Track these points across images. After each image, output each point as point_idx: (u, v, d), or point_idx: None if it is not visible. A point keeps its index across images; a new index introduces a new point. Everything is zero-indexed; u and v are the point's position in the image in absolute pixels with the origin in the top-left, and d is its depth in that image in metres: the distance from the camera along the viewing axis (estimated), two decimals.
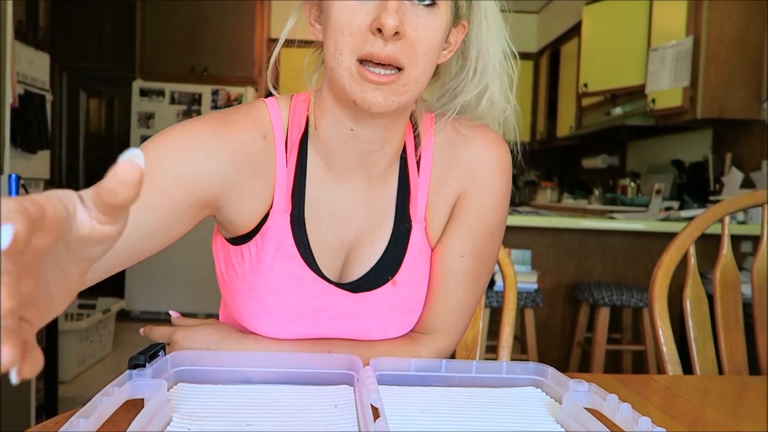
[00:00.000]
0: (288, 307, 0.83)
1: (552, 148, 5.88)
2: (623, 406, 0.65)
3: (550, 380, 0.78)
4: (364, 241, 0.86)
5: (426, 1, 0.74)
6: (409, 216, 0.87)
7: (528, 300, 2.66)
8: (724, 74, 3.25)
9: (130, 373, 0.68)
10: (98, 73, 6.01)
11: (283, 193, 0.82)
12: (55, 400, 2.68)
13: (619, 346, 2.90)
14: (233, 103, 4.94)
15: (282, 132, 0.83)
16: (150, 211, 0.73)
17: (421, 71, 0.75)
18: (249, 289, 0.83)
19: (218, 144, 0.77)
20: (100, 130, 6.49)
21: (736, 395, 0.94)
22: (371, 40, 0.72)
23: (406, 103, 0.76)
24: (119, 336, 4.08)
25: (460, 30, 0.83)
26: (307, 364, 0.77)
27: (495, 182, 0.87)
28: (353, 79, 0.73)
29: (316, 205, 0.84)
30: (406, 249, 0.86)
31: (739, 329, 1.23)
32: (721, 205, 1.25)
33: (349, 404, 0.70)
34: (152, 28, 5.16)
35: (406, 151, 0.87)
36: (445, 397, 0.75)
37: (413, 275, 0.86)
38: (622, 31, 3.99)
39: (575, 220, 2.97)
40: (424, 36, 0.74)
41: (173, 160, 0.75)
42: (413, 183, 0.87)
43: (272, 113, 0.83)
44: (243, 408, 0.68)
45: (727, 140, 3.57)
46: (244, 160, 0.79)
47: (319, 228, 0.84)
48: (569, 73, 5.09)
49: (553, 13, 5.73)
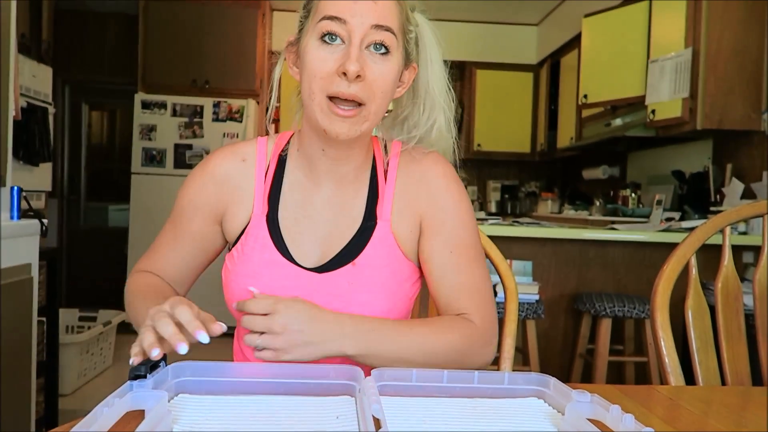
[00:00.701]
0: (264, 286, 0.99)
1: (552, 159, 5.89)
2: (626, 417, 0.65)
3: (553, 391, 0.79)
4: (335, 234, 1.04)
5: (381, 50, 0.93)
6: (376, 215, 1.04)
7: (529, 311, 2.65)
8: (723, 85, 3.26)
9: (131, 384, 0.68)
10: (100, 85, 6.03)
11: (260, 198, 1.05)
12: (55, 413, 2.67)
13: (622, 357, 2.89)
14: (235, 115, 4.95)
15: (264, 156, 1.07)
16: (188, 235, 1.08)
17: (378, 106, 0.95)
18: (235, 276, 1.03)
19: (202, 173, 1.07)
20: (102, 143, 6.50)
21: (738, 406, 0.94)
22: (338, 82, 0.91)
23: (365, 131, 0.97)
24: (120, 349, 4.06)
25: (411, 71, 1.03)
26: (309, 375, 0.79)
27: (449, 186, 1.06)
28: (324, 113, 0.93)
29: (292, 207, 1.05)
30: (368, 241, 1.03)
31: (742, 340, 1.23)
32: (722, 216, 1.25)
33: (351, 415, 0.71)
34: (154, 41, 5.18)
35: (376, 163, 1.08)
36: (448, 407, 0.76)
37: (372, 261, 1.02)
38: (622, 43, 4.01)
39: (576, 231, 2.97)
40: (380, 78, 0.93)
41: (186, 194, 1.08)
42: (381, 188, 1.06)
43: (259, 144, 1.09)
44: (244, 419, 0.69)
45: (727, 151, 3.57)
46: (220, 179, 1.06)
47: (293, 225, 1.04)
48: (569, 85, 5.10)
49: (552, 25, 5.76)
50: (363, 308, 0.99)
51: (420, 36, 1.04)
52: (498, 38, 6.06)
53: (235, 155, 1.07)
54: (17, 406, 2.11)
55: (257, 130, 5.13)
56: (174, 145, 4.95)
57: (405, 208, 1.05)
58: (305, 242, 1.03)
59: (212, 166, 1.07)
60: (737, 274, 1.26)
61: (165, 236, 1.10)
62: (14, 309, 2.06)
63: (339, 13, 0.92)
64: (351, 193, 1.05)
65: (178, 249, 1.08)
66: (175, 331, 0.75)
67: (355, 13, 0.91)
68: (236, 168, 1.06)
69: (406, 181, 1.06)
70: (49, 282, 2.64)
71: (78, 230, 6.15)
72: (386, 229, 1.04)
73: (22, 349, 2.13)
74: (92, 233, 6.15)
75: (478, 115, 5.96)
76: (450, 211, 1.05)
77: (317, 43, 0.93)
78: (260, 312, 0.89)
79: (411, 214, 1.05)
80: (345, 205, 1.05)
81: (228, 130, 4.94)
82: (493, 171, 6.45)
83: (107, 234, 6.10)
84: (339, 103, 0.92)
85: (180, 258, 1.09)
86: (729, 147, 3.56)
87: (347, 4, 0.92)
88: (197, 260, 1.10)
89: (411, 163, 1.07)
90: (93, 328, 3.63)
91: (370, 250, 1.02)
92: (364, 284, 1.01)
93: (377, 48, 0.93)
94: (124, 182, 5.25)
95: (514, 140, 6.05)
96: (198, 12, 5.19)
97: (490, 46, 6.07)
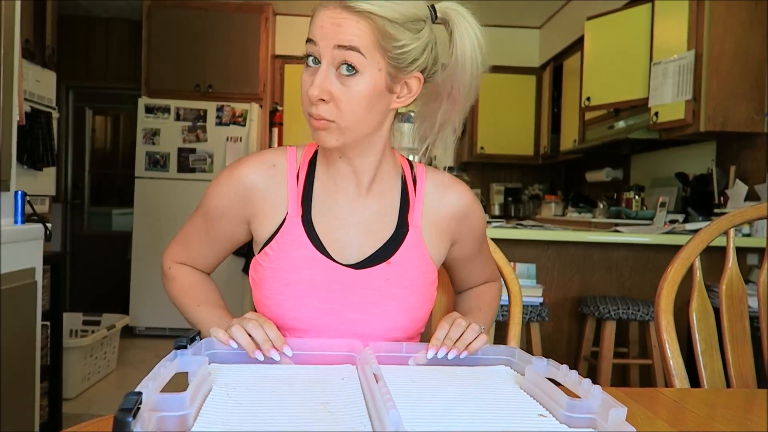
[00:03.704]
0: (304, 279, 1.07)
1: (556, 162, 5.88)
2: (571, 372, 0.81)
3: (517, 359, 0.98)
4: (369, 237, 1.12)
5: (349, 72, 0.97)
6: (407, 222, 1.14)
7: (533, 314, 2.65)
8: (725, 88, 3.25)
9: (176, 352, 0.82)
10: (104, 90, 6.05)
11: (294, 201, 1.11)
12: (59, 417, 2.68)
13: (626, 360, 2.89)
14: (238, 119, 4.96)
15: (295, 162, 1.14)
16: (219, 234, 1.18)
17: (352, 122, 1.00)
18: (272, 272, 1.09)
19: (229, 180, 1.13)
20: (106, 147, 6.52)
21: (743, 408, 0.94)
22: (308, 103, 1.00)
23: (351, 140, 1.03)
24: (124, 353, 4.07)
25: (414, 80, 1.05)
26: (317, 348, 0.98)
27: (478, 215, 1.21)
28: (310, 126, 1.02)
29: (324, 209, 1.12)
30: (401, 244, 1.12)
31: (746, 342, 1.23)
32: (726, 218, 1.25)
33: (354, 377, 0.89)
34: (158, 46, 5.20)
35: (405, 175, 1.16)
36: (432, 372, 0.95)
37: (405, 260, 1.11)
38: (624, 46, 4.00)
39: (580, 234, 2.96)
40: (345, 99, 0.98)
41: (215, 198, 1.15)
42: (411, 199, 1.15)
43: (289, 151, 1.16)
44: (269, 380, 0.85)
45: (731, 153, 3.57)
46: (247, 188, 1.12)
47: (327, 226, 1.11)
48: (572, 88, 5.10)
49: (555, 28, 5.76)
50: (398, 302, 1.10)
51: (449, 38, 1.07)
52: (501, 41, 6.06)
53: (263, 163, 1.13)
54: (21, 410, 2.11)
55: (260, 134, 5.14)
56: (177, 149, 4.96)
57: (433, 225, 1.16)
58: (340, 242, 1.11)
59: (239, 175, 1.12)
60: (741, 277, 1.25)
61: (196, 230, 1.19)
62: (18, 313, 2.06)
63: (312, 34, 0.98)
64: (383, 201, 1.14)
65: (211, 244, 1.19)
66: (265, 338, 0.95)
67: (322, 35, 0.96)
68: (265, 175, 1.12)
69: (435, 198, 1.17)
70: (53, 286, 2.64)
71: (82, 234, 6.16)
72: (417, 236, 1.13)
73: (26, 353, 2.13)
74: (96, 237, 6.16)
75: (481, 119, 5.96)
76: (478, 225, 1.21)
77: (304, 65, 1.01)
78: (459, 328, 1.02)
79: (440, 232, 1.17)
80: (377, 211, 1.13)
81: (231, 134, 4.95)
82: (497, 174, 6.45)
83: (111, 238, 6.11)
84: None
85: (212, 252, 1.21)
86: (732, 149, 3.55)
87: (318, 25, 0.97)
88: (226, 251, 1.22)
89: (440, 187, 1.18)
90: (97, 332, 3.63)
91: (403, 252, 1.11)
92: (399, 280, 1.10)
93: (347, 69, 0.96)
94: (128, 186, 5.27)
95: (517, 143, 6.04)
96: (201, 17, 5.21)
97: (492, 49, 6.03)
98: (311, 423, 0.70)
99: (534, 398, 0.83)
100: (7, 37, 2.04)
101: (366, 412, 0.74)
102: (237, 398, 0.77)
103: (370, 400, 0.75)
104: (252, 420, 0.71)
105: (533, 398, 0.83)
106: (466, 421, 0.74)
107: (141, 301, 4.86)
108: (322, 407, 0.75)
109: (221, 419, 0.71)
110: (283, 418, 0.72)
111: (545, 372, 0.86)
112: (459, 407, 0.78)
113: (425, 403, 0.79)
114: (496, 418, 0.76)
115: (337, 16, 0.95)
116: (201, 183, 4.90)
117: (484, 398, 0.83)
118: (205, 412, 0.73)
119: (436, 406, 0.78)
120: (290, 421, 0.71)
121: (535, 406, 0.81)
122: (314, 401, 0.77)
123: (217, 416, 0.72)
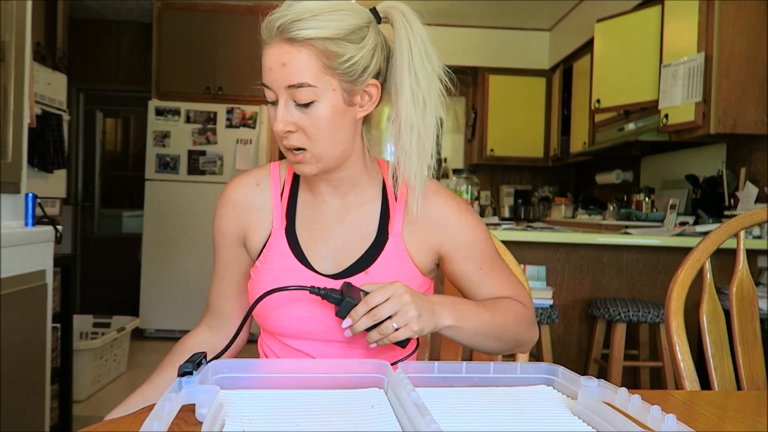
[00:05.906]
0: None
1: (566, 164, 5.87)
2: (634, 397, 0.72)
3: (561, 378, 0.87)
4: (348, 246, 1.14)
5: (304, 104, 1.00)
6: (387, 231, 1.14)
7: (543, 316, 2.64)
8: (736, 90, 3.23)
9: (181, 381, 0.73)
10: (114, 93, 6.09)
11: (278, 215, 1.16)
12: (69, 419, 2.69)
13: (637, 362, 2.87)
14: (248, 121, 4.98)
15: (279, 177, 1.19)
16: (228, 263, 1.22)
17: (324, 145, 1.04)
18: (259, 284, 1.12)
19: (222, 204, 1.19)
20: (116, 149, 6.56)
21: (754, 411, 0.93)
22: (279, 137, 1.05)
23: (328, 165, 1.07)
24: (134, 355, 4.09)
25: (372, 87, 1.06)
26: (340, 370, 0.87)
27: (461, 216, 1.15)
28: (288, 160, 1.08)
29: (306, 221, 1.16)
30: (380, 253, 1.12)
31: (757, 344, 1.22)
32: (736, 220, 1.25)
33: (384, 404, 0.78)
34: (168, 48, 5.22)
35: (386, 184, 1.17)
36: (469, 395, 0.83)
37: (383, 270, 1.11)
38: (634, 48, 3.99)
39: (590, 236, 2.95)
40: (310, 126, 1.02)
41: (215, 226, 1.20)
42: (392, 207, 1.15)
43: (272, 167, 1.20)
44: (289, 410, 0.75)
45: (741, 155, 3.55)
46: (237, 204, 1.18)
47: (309, 237, 1.15)
48: (582, 90, 5.09)
49: (565, 30, 5.75)
50: None
51: (392, 50, 1.07)
52: (510, 44, 6.06)
53: (249, 180, 1.19)
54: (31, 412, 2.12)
55: (270, 136, 5.15)
56: (188, 152, 4.98)
57: (416, 231, 1.14)
58: (320, 252, 1.14)
59: (228, 196, 1.19)
60: (752, 279, 1.25)
61: (214, 273, 1.24)
62: (28, 315, 2.08)
63: (264, 79, 1.04)
64: (362, 211, 1.15)
65: (225, 277, 1.22)
66: None
67: (272, 79, 1.02)
68: (251, 192, 1.18)
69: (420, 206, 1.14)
70: (64, 288, 2.66)
71: (92, 237, 6.20)
72: (398, 244, 1.13)
73: (36, 356, 2.15)
74: (106, 240, 6.19)
75: (491, 121, 5.96)
76: (470, 236, 1.15)
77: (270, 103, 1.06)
78: (385, 297, 0.96)
79: (422, 239, 1.15)
80: (357, 221, 1.15)
81: (241, 137, 4.97)
82: (507, 176, 6.45)
83: (121, 240, 6.15)
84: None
85: (228, 286, 1.23)
86: (743, 151, 3.53)
87: (267, 67, 1.03)
88: (238, 286, 1.23)
89: (423, 193, 1.13)
90: (107, 334, 3.65)
91: (382, 261, 1.12)
92: None
93: (305, 104, 1.01)
94: (138, 189, 5.30)
95: (527, 145, 6.03)
96: (211, 19, 5.23)
97: (502, 51, 6.08)
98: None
99: (593, 427, 0.74)
100: (19, 40, 2.06)
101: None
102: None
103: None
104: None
105: (592, 426, 0.74)
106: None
107: (151, 304, 4.88)
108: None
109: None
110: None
111: (600, 396, 0.78)
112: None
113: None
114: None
115: (282, 53, 1.00)
116: (211, 185, 4.92)
117: (536, 427, 0.74)
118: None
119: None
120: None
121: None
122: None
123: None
